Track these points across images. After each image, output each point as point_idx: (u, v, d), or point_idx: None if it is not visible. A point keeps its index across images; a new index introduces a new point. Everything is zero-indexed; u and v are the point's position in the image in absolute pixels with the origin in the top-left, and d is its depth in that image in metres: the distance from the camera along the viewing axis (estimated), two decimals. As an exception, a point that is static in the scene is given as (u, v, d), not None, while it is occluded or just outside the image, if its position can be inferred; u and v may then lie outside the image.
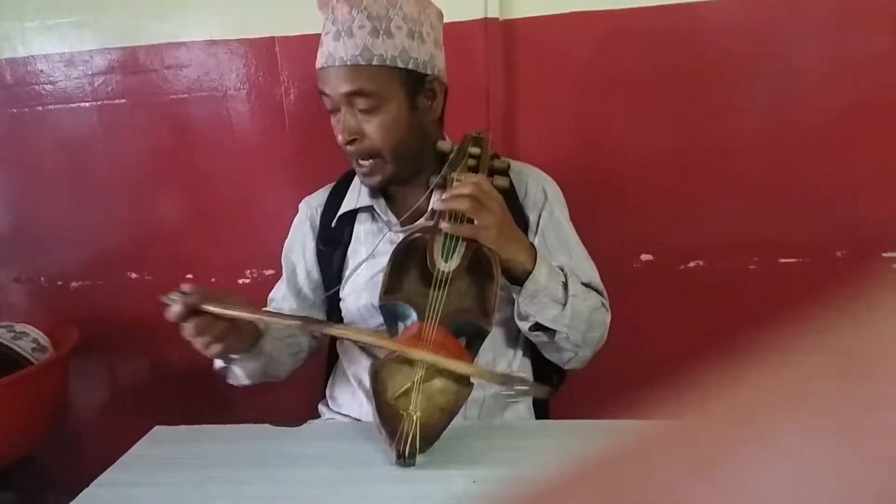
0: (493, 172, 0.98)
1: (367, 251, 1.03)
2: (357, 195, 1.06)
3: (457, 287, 0.86)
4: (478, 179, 0.88)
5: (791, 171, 1.33)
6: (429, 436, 0.74)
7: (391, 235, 1.02)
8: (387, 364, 0.80)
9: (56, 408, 1.43)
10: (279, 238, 1.14)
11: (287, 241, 1.13)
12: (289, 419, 0.89)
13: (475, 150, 0.99)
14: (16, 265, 1.58)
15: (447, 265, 0.86)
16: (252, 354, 0.93)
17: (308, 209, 1.12)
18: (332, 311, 1.09)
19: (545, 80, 1.34)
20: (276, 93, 1.40)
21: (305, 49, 1.33)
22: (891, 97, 1.27)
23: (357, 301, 1.02)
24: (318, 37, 0.96)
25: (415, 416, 0.74)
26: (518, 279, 0.89)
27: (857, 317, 0.16)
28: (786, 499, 0.15)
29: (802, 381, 0.16)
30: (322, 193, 1.13)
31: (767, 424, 0.16)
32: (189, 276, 1.52)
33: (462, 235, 0.86)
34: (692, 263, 1.40)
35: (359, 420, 0.99)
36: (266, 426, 0.88)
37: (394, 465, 0.74)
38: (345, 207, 1.06)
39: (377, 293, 0.87)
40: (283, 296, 1.09)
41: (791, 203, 1.34)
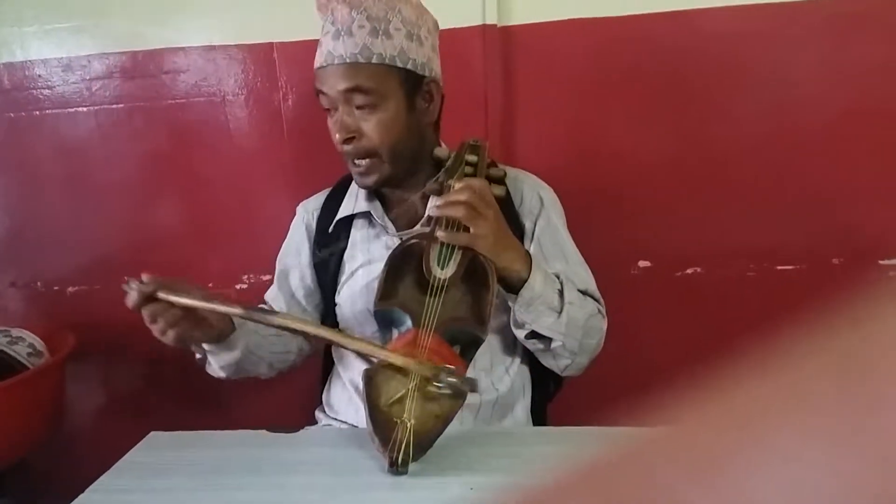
0: (490, 181, 0.97)
1: (364, 256, 1.03)
2: (354, 201, 1.06)
3: (452, 295, 0.86)
4: (474, 184, 0.88)
5: (788, 179, 1.33)
6: (423, 443, 0.74)
7: (387, 241, 1.02)
8: (381, 370, 0.80)
9: (52, 413, 1.42)
10: (277, 244, 1.14)
11: (284, 244, 1.13)
12: (285, 426, 0.89)
13: (472, 158, 0.99)
14: (12, 270, 1.57)
15: (443, 273, 0.86)
16: (223, 346, 0.93)
17: (305, 213, 1.12)
18: (328, 317, 1.08)
19: (543, 87, 1.34)
20: (275, 98, 1.40)
21: (304, 55, 1.32)
22: (888, 105, 1.27)
23: (352, 306, 1.02)
24: (317, 43, 0.97)
25: (409, 424, 0.74)
26: (513, 287, 0.89)
27: (854, 323, 0.16)
28: (784, 501, 0.15)
29: (800, 386, 0.16)
30: (319, 198, 1.13)
31: (765, 428, 0.16)
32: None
33: (458, 244, 0.86)
34: (689, 270, 1.40)
35: (356, 426, 0.98)
36: (262, 432, 0.87)
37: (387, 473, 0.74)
38: (342, 213, 1.06)
39: (372, 299, 0.87)
40: (274, 297, 1.09)
41: (788, 210, 1.34)
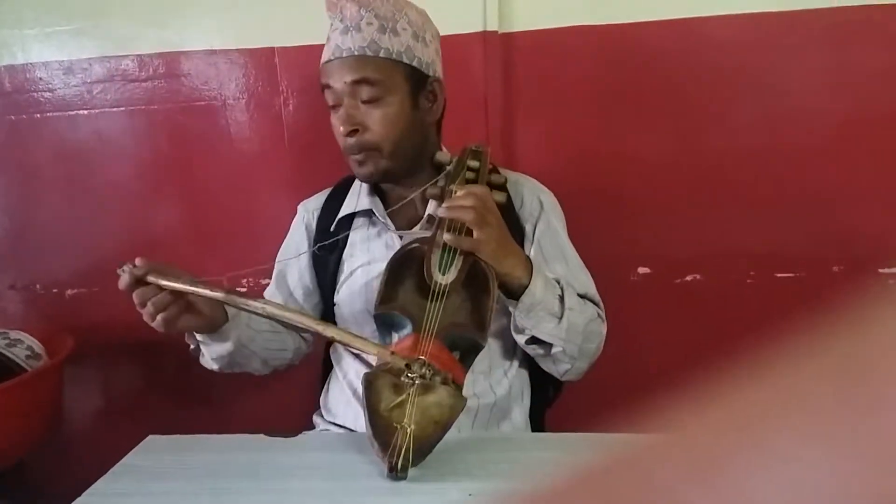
0: (492, 187, 0.98)
1: (363, 256, 1.03)
2: (357, 198, 1.06)
3: (452, 300, 0.86)
4: (476, 191, 0.88)
5: (788, 186, 1.34)
6: (422, 449, 0.74)
7: (388, 239, 1.02)
8: (381, 375, 0.79)
9: (50, 415, 1.42)
10: (277, 247, 1.14)
11: (283, 244, 1.14)
12: (283, 430, 0.89)
13: (474, 164, 1.00)
14: (11, 272, 1.57)
15: (444, 278, 0.86)
16: (216, 337, 0.93)
17: (305, 213, 1.12)
18: (326, 316, 1.08)
19: (543, 94, 1.35)
20: (276, 103, 1.40)
21: (305, 59, 1.33)
22: (887, 112, 1.28)
23: (351, 306, 1.02)
24: (319, 48, 0.97)
25: (409, 429, 0.73)
26: (514, 293, 0.89)
27: (853, 329, 0.17)
28: (784, 502, 0.15)
29: (799, 389, 0.16)
30: (319, 198, 1.13)
31: (765, 431, 0.16)
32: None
33: (463, 248, 0.86)
34: (689, 277, 1.40)
35: (353, 431, 0.98)
36: (260, 436, 0.87)
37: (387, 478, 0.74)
38: (344, 210, 1.06)
39: (372, 299, 0.87)
40: (272, 296, 1.09)
41: (788, 218, 1.34)
